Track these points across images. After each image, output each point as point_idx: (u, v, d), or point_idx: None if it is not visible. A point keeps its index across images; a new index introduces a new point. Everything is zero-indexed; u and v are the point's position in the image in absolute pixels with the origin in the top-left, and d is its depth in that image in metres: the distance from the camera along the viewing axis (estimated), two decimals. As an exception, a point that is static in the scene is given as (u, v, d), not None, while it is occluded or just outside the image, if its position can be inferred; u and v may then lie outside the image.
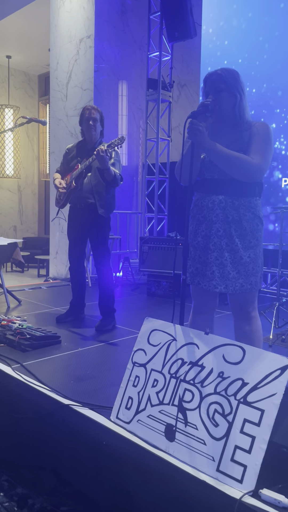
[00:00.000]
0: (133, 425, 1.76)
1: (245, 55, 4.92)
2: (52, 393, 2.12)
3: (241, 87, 1.93)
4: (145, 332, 1.91)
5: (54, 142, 6.16)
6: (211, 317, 2.15)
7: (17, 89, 9.26)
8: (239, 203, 1.92)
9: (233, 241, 1.91)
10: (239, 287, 1.92)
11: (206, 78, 1.98)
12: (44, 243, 8.39)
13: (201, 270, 1.99)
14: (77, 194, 3.28)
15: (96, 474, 1.78)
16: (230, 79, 1.92)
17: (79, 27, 5.70)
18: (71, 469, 1.93)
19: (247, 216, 1.92)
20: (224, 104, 1.91)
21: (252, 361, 1.55)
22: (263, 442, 1.41)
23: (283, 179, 4.79)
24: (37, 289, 5.05)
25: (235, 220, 1.92)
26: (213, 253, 1.93)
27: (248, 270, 1.93)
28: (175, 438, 1.62)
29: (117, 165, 3.25)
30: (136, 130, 6.38)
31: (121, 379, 1.90)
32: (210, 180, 1.96)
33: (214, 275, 1.93)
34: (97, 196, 3.23)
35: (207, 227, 1.96)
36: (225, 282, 1.92)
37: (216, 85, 1.92)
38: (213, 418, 1.55)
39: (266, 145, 1.89)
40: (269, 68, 4.76)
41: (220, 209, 1.92)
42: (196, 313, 2.13)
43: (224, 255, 1.92)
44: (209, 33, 5.33)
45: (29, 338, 2.81)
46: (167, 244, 4.72)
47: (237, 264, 1.92)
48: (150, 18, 5.90)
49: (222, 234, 1.92)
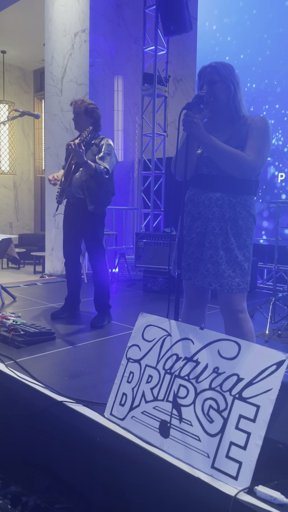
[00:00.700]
0: (127, 421, 1.73)
1: (248, 51, 4.88)
2: (45, 389, 2.10)
3: (236, 80, 1.90)
4: (139, 328, 1.88)
5: (49, 138, 6.11)
6: (203, 312, 2.13)
7: (12, 85, 9.19)
8: (236, 201, 1.89)
9: (229, 239, 1.88)
10: (236, 286, 1.89)
11: (200, 71, 1.95)
12: (40, 239, 8.36)
13: (193, 266, 1.97)
14: (69, 189, 3.24)
15: (90, 471, 1.76)
16: (224, 71, 1.89)
17: (74, 21, 5.64)
18: (65, 467, 1.90)
19: (242, 214, 1.90)
20: (218, 96, 1.89)
21: (247, 356, 1.53)
22: (258, 438, 1.39)
23: (279, 174, 4.76)
24: (32, 286, 5.01)
25: (232, 218, 1.89)
26: (209, 251, 1.91)
27: (243, 269, 1.91)
28: (169, 434, 1.59)
29: (106, 158, 3.16)
30: (131, 125, 6.33)
31: (115, 375, 1.87)
32: (207, 176, 1.93)
33: (209, 272, 1.91)
34: (86, 191, 3.18)
35: (202, 224, 1.93)
36: (219, 280, 1.89)
37: (210, 76, 1.89)
38: (208, 414, 1.53)
39: (263, 142, 1.86)
40: (271, 65, 4.71)
41: (217, 207, 1.89)
42: (189, 308, 2.11)
43: (219, 253, 1.89)
44: (213, 29, 5.27)
45: (23, 335, 2.78)
46: (163, 239, 4.69)
47: (233, 263, 1.89)
48: (146, 12, 5.84)
49: (218, 232, 1.89)
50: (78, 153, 2.95)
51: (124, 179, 6.21)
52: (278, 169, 4.75)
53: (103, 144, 3.20)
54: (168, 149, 6.20)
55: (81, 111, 3.21)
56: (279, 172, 4.74)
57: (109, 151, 3.19)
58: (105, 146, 3.19)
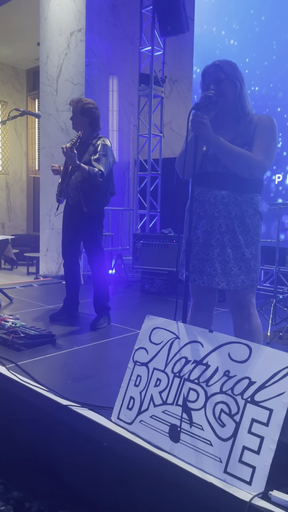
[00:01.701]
0: (136, 426, 1.71)
1: (253, 55, 4.88)
2: (49, 393, 2.06)
3: (241, 76, 1.90)
4: (146, 330, 1.85)
5: (44, 137, 6.06)
6: (211, 314, 2.12)
7: (5, 84, 9.11)
8: (242, 199, 1.88)
9: (236, 237, 1.87)
10: (241, 284, 1.89)
11: (204, 71, 1.94)
12: (33, 240, 8.29)
13: (198, 267, 1.95)
14: (67, 190, 3.21)
15: (97, 476, 1.73)
16: (229, 68, 1.89)
17: (69, 20, 5.61)
18: (70, 472, 1.87)
19: (249, 212, 1.89)
20: (226, 93, 1.88)
21: (259, 359, 1.51)
22: (272, 442, 1.37)
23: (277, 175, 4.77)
24: (28, 287, 4.96)
25: (238, 216, 1.88)
26: (216, 249, 1.89)
27: (249, 266, 1.90)
28: (180, 439, 1.57)
29: (101, 160, 3.11)
30: (127, 125, 6.31)
31: (119, 378, 1.85)
32: (212, 174, 1.92)
33: (217, 271, 1.89)
34: (81, 192, 3.14)
35: (208, 222, 1.91)
36: (227, 278, 1.88)
37: (216, 75, 1.88)
38: (219, 418, 1.51)
39: (271, 141, 1.86)
40: (276, 69, 4.71)
41: (223, 205, 1.88)
42: (196, 310, 2.09)
43: (227, 251, 1.88)
44: (214, 32, 5.24)
45: (23, 337, 2.74)
46: (161, 241, 4.67)
47: (239, 260, 1.88)
48: (142, 12, 5.82)
49: (225, 230, 1.88)
50: (70, 157, 2.92)
51: (119, 180, 6.18)
52: (274, 173, 4.76)
53: (98, 145, 3.15)
54: (164, 150, 6.18)
55: (77, 111, 3.17)
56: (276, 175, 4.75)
57: (105, 152, 3.14)
58: (100, 146, 3.14)
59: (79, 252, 3.51)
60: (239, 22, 4.99)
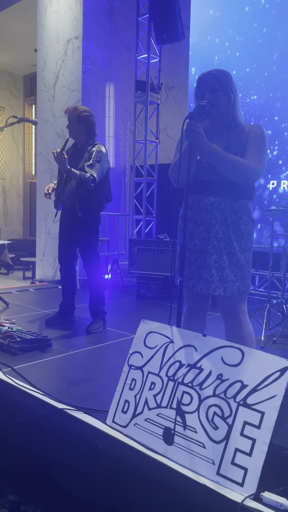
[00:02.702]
0: (130, 429, 1.73)
1: (254, 65, 4.95)
2: (45, 397, 2.08)
3: (235, 88, 1.95)
4: (141, 335, 1.88)
5: (41, 143, 6.10)
6: (204, 319, 2.15)
7: (2, 90, 9.16)
8: (238, 206, 1.92)
9: (231, 243, 1.91)
10: (236, 290, 1.92)
11: (200, 78, 1.97)
12: (29, 245, 8.30)
13: (197, 273, 1.98)
14: (62, 196, 3.25)
15: (92, 479, 1.75)
16: (224, 79, 1.93)
17: (66, 27, 5.67)
18: (66, 475, 1.89)
19: (244, 219, 1.93)
20: (220, 104, 1.92)
21: (251, 363, 1.55)
22: (263, 444, 1.40)
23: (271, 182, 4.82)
24: (24, 292, 4.97)
25: (233, 222, 1.92)
26: (212, 256, 1.92)
27: (244, 272, 1.94)
28: (173, 441, 1.60)
29: (95, 165, 3.13)
30: (123, 131, 6.36)
31: (114, 382, 1.87)
32: (207, 182, 1.95)
33: (213, 278, 1.92)
34: (76, 198, 3.17)
35: (205, 229, 1.95)
36: (224, 285, 1.91)
37: (212, 85, 1.92)
38: (212, 421, 1.54)
39: (263, 150, 1.92)
40: (275, 79, 4.78)
41: (219, 212, 1.92)
42: (190, 316, 2.12)
43: (223, 257, 1.91)
44: (225, 46, 5.30)
45: (19, 341, 2.76)
46: (157, 246, 4.71)
47: (234, 266, 1.92)
48: (139, 20, 5.89)
49: (221, 237, 1.91)
50: (60, 161, 2.95)
51: (116, 185, 6.22)
52: (268, 181, 4.81)
53: (93, 151, 3.18)
54: (160, 156, 6.23)
55: (73, 119, 3.21)
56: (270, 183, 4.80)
57: (98, 158, 3.16)
58: (95, 152, 3.17)
59: (75, 257, 3.53)
60: (242, 34, 5.07)
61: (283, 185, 4.74)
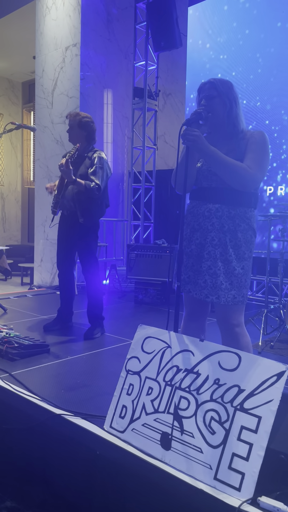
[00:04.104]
0: (128, 434, 1.73)
1: (239, 68, 5.00)
2: (43, 402, 2.08)
3: (233, 96, 1.95)
4: (139, 340, 1.89)
5: (39, 149, 6.13)
6: (203, 324, 2.15)
7: (1, 96, 9.20)
8: (235, 213, 1.91)
9: (227, 251, 1.90)
10: (231, 299, 1.90)
11: (200, 87, 2.00)
12: (28, 250, 8.30)
13: (193, 278, 1.98)
14: (63, 201, 3.26)
15: (90, 485, 1.75)
16: (222, 87, 1.94)
17: (65, 35, 5.71)
18: (63, 480, 1.89)
19: (241, 226, 1.91)
20: (216, 110, 1.93)
21: (248, 367, 1.55)
22: (260, 449, 1.41)
23: (267, 188, 4.85)
24: (22, 297, 4.97)
25: (231, 230, 1.90)
26: (207, 262, 1.93)
27: (241, 282, 1.91)
28: (171, 446, 1.60)
29: (98, 173, 3.15)
30: (121, 138, 6.39)
31: (112, 388, 1.87)
32: (207, 189, 1.96)
33: (206, 284, 1.92)
34: (78, 204, 3.19)
35: (202, 235, 1.95)
36: (217, 292, 1.91)
37: (208, 92, 1.94)
38: (209, 426, 1.54)
39: (263, 155, 1.90)
40: (262, 82, 4.84)
41: (216, 218, 1.92)
42: (188, 320, 2.12)
43: (218, 264, 1.90)
44: (206, 47, 5.38)
45: (17, 347, 2.76)
46: (155, 251, 4.72)
47: (230, 275, 1.90)
48: (136, 27, 5.95)
49: (217, 243, 1.91)
50: (66, 172, 2.98)
51: (114, 191, 6.25)
52: (266, 183, 4.84)
53: (95, 158, 3.21)
54: (158, 162, 6.26)
55: (74, 124, 3.23)
56: (267, 186, 4.84)
57: (101, 165, 3.19)
58: (97, 159, 3.20)
59: (74, 262, 3.54)
60: (226, 37, 5.12)
61: (280, 190, 4.77)
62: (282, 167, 4.72)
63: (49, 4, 5.89)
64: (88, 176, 3.14)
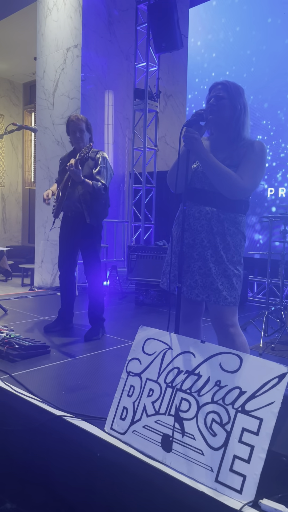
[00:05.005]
0: (129, 436, 1.73)
1: (233, 67, 5.01)
2: (43, 404, 2.08)
3: (244, 103, 1.94)
4: (139, 341, 1.88)
5: (40, 150, 6.13)
6: (198, 324, 2.15)
7: (2, 97, 9.21)
8: (225, 216, 1.92)
9: (218, 252, 1.90)
10: (223, 300, 1.90)
11: (212, 86, 1.99)
12: (28, 251, 8.30)
13: (183, 278, 1.98)
14: (67, 203, 3.26)
15: (91, 487, 1.75)
16: (234, 91, 1.93)
17: (66, 36, 5.72)
18: (63, 482, 1.88)
19: (231, 230, 1.92)
20: (223, 112, 1.92)
21: (249, 369, 1.55)
22: (262, 451, 1.40)
23: (268, 189, 4.85)
24: (23, 298, 4.97)
25: (220, 232, 1.91)
26: (197, 263, 1.93)
27: (231, 283, 1.91)
28: (172, 448, 1.59)
29: (103, 172, 3.19)
30: (122, 139, 6.39)
31: (113, 389, 1.87)
32: (200, 191, 1.97)
33: (197, 284, 1.92)
34: (84, 204, 3.20)
35: (191, 235, 1.95)
36: (207, 292, 1.91)
37: (219, 92, 1.93)
38: (210, 428, 1.53)
39: (258, 166, 1.90)
40: (256, 81, 4.85)
41: (206, 220, 1.92)
42: (184, 321, 2.10)
43: (209, 265, 1.90)
44: (197, 45, 5.41)
45: (18, 348, 2.75)
46: (155, 252, 4.71)
47: (221, 276, 1.90)
48: (137, 29, 5.95)
49: (207, 245, 1.91)
50: (75, 173, 2.99)
51: (114, 192, 6.25)
52: (267, 183, 4.85)
53: (99, 158, 3.24)
54: (159, 163, 6.26)
55: (83, 127, 3.27)
56: (269, 186, 4.84)
57: (105, 165, 3.23)
58: (101, 159, 3.23)
59: (75, 264, 3.54)
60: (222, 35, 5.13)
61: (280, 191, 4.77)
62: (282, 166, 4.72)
63: (50, 6, 5.90)
64: (93, 176, 3.16)
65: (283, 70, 4.63)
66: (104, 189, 3.16)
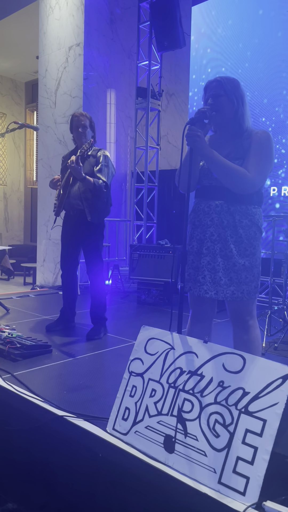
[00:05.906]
0: (131, 436, 1.71)
1: (228, 63, 4.99)
2: (45, 404, 2.07)
3: (240, 95, 1.93)
4: (142, 341, 1.87)
5: (42, 149, 6.12)
6: (209, 325, 2.12)
7: (4, 96, 9.20)
8: (235, 209, 1.89)
9: (228, 246, 1.88)
10: (230, 295, 1.89)
11: (206, 85, 1.98)
12: (30, 250, 8.29)
13: (193, 276, 1.97)
14: (68, 201, 3.25)
15: (92, 487, 1.73)
16: (229, 85, 1.92)
17: (68, 34, 5.70)
18: (65, 483, 1.87)
19: (243, 223, 1.89)
20: (222, 109, 1.91)
21: (252, 370, 1.53)
22: (265, 453, 1.39)
23: (271, 187, 4.83)
24: (25, 297, 4.96)
25: (230, 225, 1.89)
26: (206, 257, 1.91)
27: (240, 278, 1.89)
28: (174, 449, 1.58)
29: (104, 170, 3.19)
30: (124, 138, 6.38)
31: (115, 389, 1.86)
32: (208, 187, 1.96)
33: (206, 279, 1.91)
34: (85, 202, 3.19)
35: (201, 231, 1.94)
36: (215, 288, 1.89)
37: (215, 90, 1.92)
38: (213, 429, 1.52)
39: (265, 157, 1.88)
40: (251, 76, 4.82)
41: (215, 213, 1.91)
42: (194, 322, 2.10)
43: (217, 260, 1.89)
44: (198, 43, 5.38)
45: (19, 347, 2.74)
46: (157, 251, 4.70)
47: (230, 270, 1.89)
48: (140, 27, 5.93)
49: (216, 239, 1.90)
50: (76, 170, 2.97)
51: (116, 191, 6.23)
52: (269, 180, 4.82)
53: (100, 156, 3.23)
54: (161, 162, 6.25)
55: (87, 124, 3.28)
56: (271, 185, 4.81)
57: (106, 163, 3.22)
58: (102, 157, 3.22)
59: (77, 263, 3.53)
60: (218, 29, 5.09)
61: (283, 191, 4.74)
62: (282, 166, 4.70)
63: (52, 4, 5.88)
64: (94, 174, 3.14)
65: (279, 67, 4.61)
66: (105, 186, 3.15)
